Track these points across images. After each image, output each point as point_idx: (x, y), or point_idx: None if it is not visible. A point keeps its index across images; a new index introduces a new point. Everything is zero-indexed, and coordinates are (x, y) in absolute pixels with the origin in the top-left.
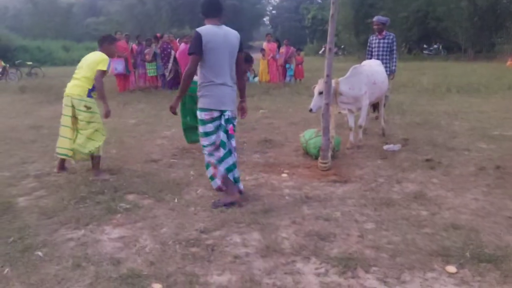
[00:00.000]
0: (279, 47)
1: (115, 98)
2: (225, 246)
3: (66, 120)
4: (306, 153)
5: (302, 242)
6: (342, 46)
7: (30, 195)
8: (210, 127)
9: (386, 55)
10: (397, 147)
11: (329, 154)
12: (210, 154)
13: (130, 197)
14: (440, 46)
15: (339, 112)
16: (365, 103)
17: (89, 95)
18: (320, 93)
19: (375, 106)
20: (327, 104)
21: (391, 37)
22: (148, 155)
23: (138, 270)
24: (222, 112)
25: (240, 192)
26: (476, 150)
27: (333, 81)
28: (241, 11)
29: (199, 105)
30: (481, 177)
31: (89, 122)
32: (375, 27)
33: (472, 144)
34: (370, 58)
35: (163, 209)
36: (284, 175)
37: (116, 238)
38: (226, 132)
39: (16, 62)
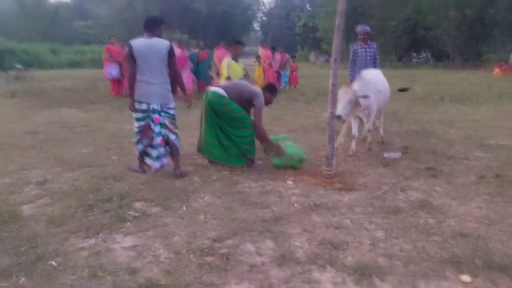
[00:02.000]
0: (273, 54)
1: (110, 103)
2: (239, 255)
3: None
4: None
5: (316, 251)
6: None
7: (35, 202)
8: (139, 115)
9: (371, 64)
10: (397, 154)
11: (334, 161)
12: (136, 134)
13: (138, 204)
14: (429, 55)
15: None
16: (373, 110)
17: None
18: (350, 101)
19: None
20: (332, 113)
21: (375, 46)
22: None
23: (155, 280)
24: (149, 105)
25: (158, 168)
26: (474, 159)
27: (351, 92)
28: (232, 17)
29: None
30: (482, 185)
31: None
32: (360, 36)
33: (470, 152)
34: (353, 68)
35: (172, 217)
36: (289, 182)
37: (129, 247)
38: (152, 120)
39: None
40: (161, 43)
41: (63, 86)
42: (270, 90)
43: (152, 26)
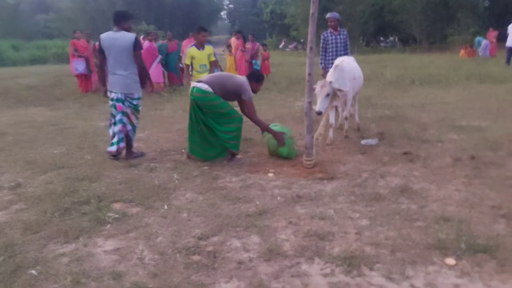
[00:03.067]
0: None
1: (79, 100)
2: (226, 252)
3: None
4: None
5: (303, 243)
6: (302, 40)
7: (9, 208)
8: (111, 103)
9: (342, 51)
10: (374, 141)
11: (314, 151)
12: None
13: (117, 205)
14: (396, 39)
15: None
16: (349, 97)
17: None
18: (327, 95)
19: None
20: (310, 103)
21: (345, 33)
22: (126, 160)
23: (142, 283)
24: (115, 94)
25: (113, 152)
26: (448, 141)
27: (328, 85)
28: (199, 5)
29: None
30: (459, 168)
31: None
32: (331, 23)
33: (444, 135)
34: (325, 55)
35: (154, 217)
36: (270, 174)
37: (111, 251)
38: (115, 108)
39: None
40: (124, 37)
41: (28, 83)
42: (256, 78)
43: (120, 20)
